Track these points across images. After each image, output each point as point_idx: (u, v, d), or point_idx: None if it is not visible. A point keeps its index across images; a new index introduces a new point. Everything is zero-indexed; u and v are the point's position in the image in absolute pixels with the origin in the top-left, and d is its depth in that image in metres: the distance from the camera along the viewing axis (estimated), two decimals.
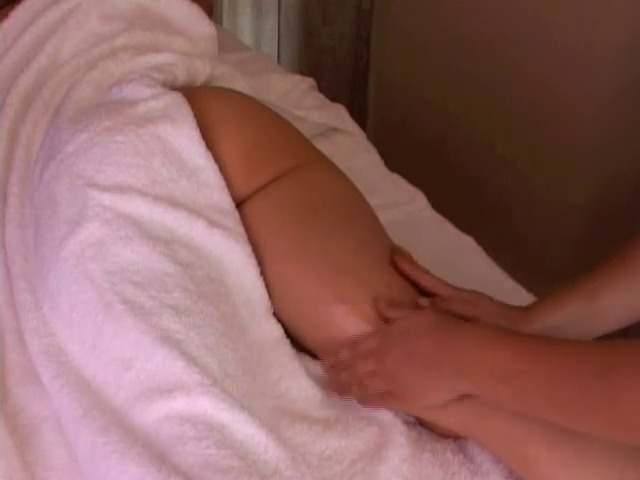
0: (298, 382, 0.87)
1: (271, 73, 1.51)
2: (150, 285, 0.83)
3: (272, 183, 0.96)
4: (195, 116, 0.95)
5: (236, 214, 0.93)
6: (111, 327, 0.81)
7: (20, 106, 1.11)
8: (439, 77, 1.92)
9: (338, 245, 0.91)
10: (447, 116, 1.88)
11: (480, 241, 1.20)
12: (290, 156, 0.99)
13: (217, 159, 0.94)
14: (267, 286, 0.90)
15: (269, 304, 0.90)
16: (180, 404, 0.75)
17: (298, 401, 0.86)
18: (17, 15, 1.18)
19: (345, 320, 0.86)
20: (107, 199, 0.87)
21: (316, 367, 0.89)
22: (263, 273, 0.90)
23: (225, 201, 0.93)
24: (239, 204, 0.95)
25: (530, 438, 0.75)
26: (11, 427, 0.81)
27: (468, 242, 1.19)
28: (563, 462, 0.74)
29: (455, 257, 1.16)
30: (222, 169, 0.94)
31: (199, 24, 1.23)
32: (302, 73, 1.63)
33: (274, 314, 0.91)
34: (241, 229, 0.91)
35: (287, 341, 0.90)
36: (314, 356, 0.91)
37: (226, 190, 0.93)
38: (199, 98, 0.99)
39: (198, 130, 0.94)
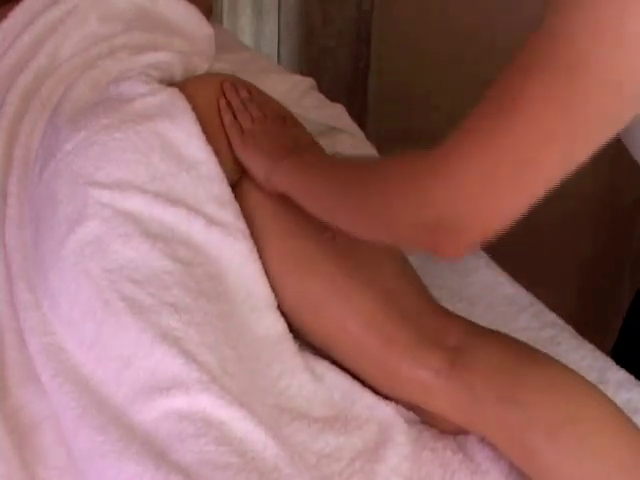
0: (298, 379, 0.87)
1: (271, 73, 1.51)
2: (149, 283, 0.83)
3: None
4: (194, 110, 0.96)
5: (237, 207, 0.93)
6: (110, 325, 0.81)
7: (19, 105, 1.11)
8: (439, 77, 1.92)
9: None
10: (447, 116, 1.88)
11: None
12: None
13: (215, 154, 0.95)
14: (267, 276, 0.90)
15: (272, 298, 0.90)
16: (179, 401, 0.76)
17: (298, 398, 0.86)
18: (16, 15, 1.18)
19: (342, 310, 0.86)
20: (106, 197, 0.88)
21: (318, 364, 0.89)
22: (261, 256, 0.91)
23: (225, 193, 0.93)
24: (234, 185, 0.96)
25: (529, 424, 0.75)
26: (11, 426, 0.81)
27: None
28: (563, 450, 0.74)
29: None
30: (220, 164, 0.95)
31: (197, 25, 1.23)
32: (302, 73, 1.63)
33: (278, 308, 0.91)
34: (242, 224, 0.91)
35: (290, 337, 0.89)
36: (316, 352, 0.91)
37: (226, 182, 0.94)
38: (186, 88, 1.00)
39: (198, 124, 0.95)
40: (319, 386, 0.87)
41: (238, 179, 0.97)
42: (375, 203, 0.73)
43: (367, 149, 1.42)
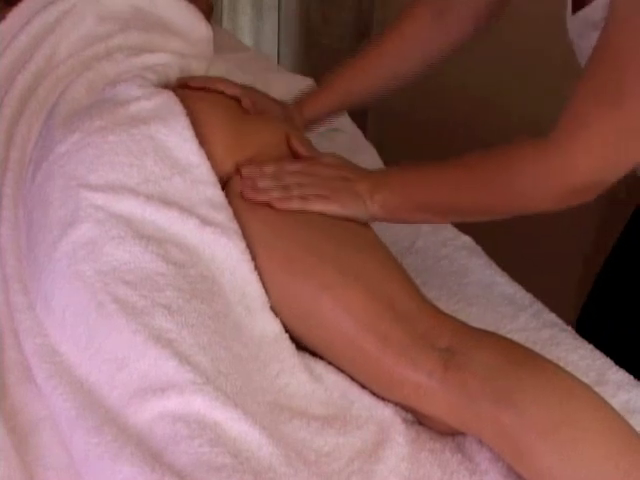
0: (297, 378, 0.87)
1: (271, 73, 1.52)
2: (142, 284, 0.83)
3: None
4: (188, 114, 0.95)
5: (229, 209, 0.92)
6: (103, 327, 0.81)
7: (17, 107, 1.11)
8: (439, 77, 1.92)
9: (320, 233, 0.92)
10: (447, 116, 1.88)
11: (479, 241, 1.20)
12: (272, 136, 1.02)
13: (208, 157, 0.94)
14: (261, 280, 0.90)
15: (266, 299, 0.89)
16: (173, 403, 0.76)
17: (297, 397, 0.86)
18: (14, 16, 1.19)
19: (333, 310, 0.86)
20: (99, 199, 0.88)
21: (316, 364, 0.89)
22: (252, 261, 0.90)
23: (218, 195, 0.93)
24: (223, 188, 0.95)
25: (524, 426, 0.75)
26: (10, 426, 0.81)
27: (467, 242, 1.19)
28: (557, 451, 0.74)
29: (454, 257, 1.16)
30: (212, 167, 0.94)
31: (195, 25, 1.23)
32: (302, 73, 1.63)
33: (272, 309, 0.90)
34: (235, 225, 0.91)
35: (286, 336, 0.89)
36: (314, 353, 0.90)
37: (219, 186, 0.94)
38: (190, 98, 1.00)
39: (191, 128, 0.94)
40: (318, 386, 0.87)
41: (227, 182, 0.96)
42: (520, 191, 0.87)
43: (367, 149, 1.42)
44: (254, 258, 0.90)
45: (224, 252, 0.89)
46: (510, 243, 1.69)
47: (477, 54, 1.80)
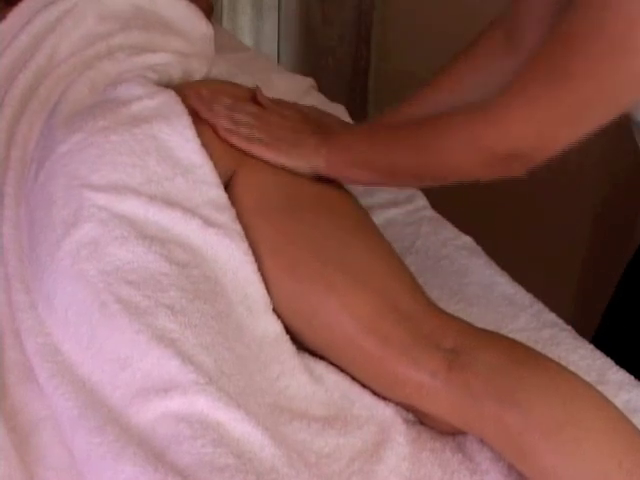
0: (297, 380, 0.87)
1: (271, 73, 1.52)
2: (145, 284, 0.83)
3: (252, 169, 0.97)
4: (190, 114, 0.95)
5: (232, 210, 0.93)
6: (106, 327, 0.81)
7: (18, 106, 1.11)
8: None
9: (324, 234, 0.92)
10: None
11: (479, 241, 1.20)
12: None
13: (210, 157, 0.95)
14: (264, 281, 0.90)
15: (268, 300, 0.89)
16: (176, 403, 0.75)
17: (297, 399, 0.85)
18: (15, 16, 1.19)
19: (338, 312, 0.86)
20: (102, 199, 0.88)
21: (317, 365, 0.89)
22: (255, 261, 0.90)
23: (221, 197, 0.93)
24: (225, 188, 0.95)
25: (527, 426, 0.75)
26: (10, 426, 0.81)
27: (467, 242, 1.19)
28: (561, 451, 0.74)
29: (454, 257, 1.16)
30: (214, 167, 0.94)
31: (196, 24, 1.24)
32: (302, 73, 1.63)
33: (274, 310, 0.90)
34: (237, 226, 0.91)
35: (287, 338, 0.89)
36: (314, 353, 0.90)
37: (222, 186, 0.94)
38: (192, 97, 1.00)
39: (193, 128, 0.94)
40: (318, 387, 0.87)
41: (228, 182, 0.96)
42: (450, 152, 0.87)
43: None
44: (258, 260, 0.90)
45: (227, 253, 0.89)
46: (510, 243, 1.69)
47: None
